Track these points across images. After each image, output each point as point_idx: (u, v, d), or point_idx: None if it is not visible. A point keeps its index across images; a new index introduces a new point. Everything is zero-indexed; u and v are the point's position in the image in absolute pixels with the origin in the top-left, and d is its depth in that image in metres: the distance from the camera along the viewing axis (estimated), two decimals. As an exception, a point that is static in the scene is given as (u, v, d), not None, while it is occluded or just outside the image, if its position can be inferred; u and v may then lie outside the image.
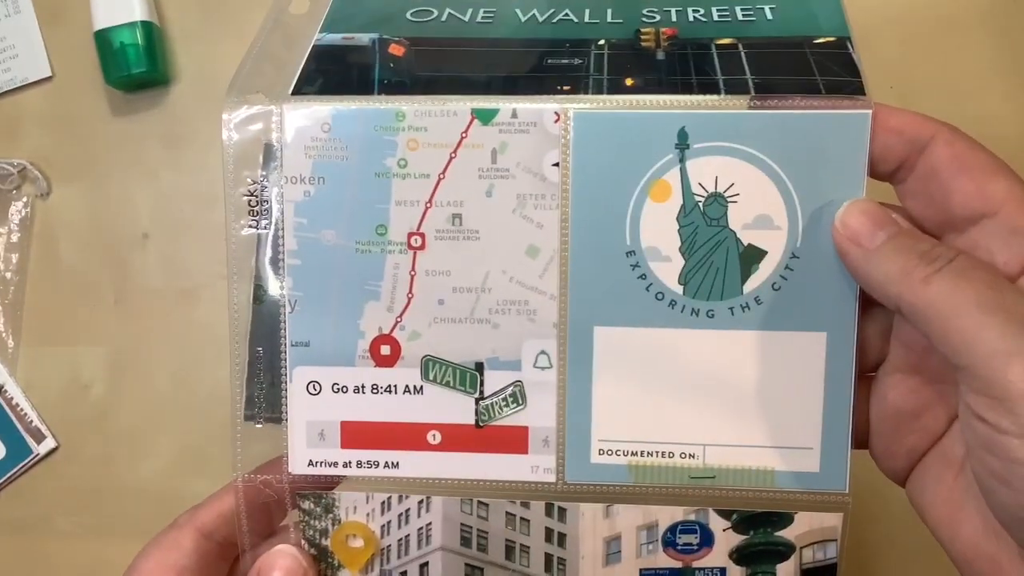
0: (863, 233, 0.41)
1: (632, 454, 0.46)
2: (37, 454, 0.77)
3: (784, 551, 0.47)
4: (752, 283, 0.44)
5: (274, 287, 0.46)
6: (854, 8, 0.51)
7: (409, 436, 0.47)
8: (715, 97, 0.43)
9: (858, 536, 0.69)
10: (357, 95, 0.45)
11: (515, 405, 0.46)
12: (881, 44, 0.71)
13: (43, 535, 0.77)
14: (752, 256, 0.44)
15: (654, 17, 0.47)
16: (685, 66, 0.44)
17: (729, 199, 0.44)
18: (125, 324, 0.78)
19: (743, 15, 0.47)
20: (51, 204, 0.79)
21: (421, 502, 0.48)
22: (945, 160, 0.41)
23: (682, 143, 0.43)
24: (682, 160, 0.43)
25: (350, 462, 0.47)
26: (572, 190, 0.44)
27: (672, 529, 0.47)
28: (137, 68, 0.74)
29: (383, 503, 0.48)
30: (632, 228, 0.44)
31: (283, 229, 0.45)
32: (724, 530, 0.47)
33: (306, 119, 0.45)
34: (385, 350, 0.46)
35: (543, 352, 0.46)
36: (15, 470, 0.77)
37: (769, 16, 0.47)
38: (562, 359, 0.45)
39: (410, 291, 0.46)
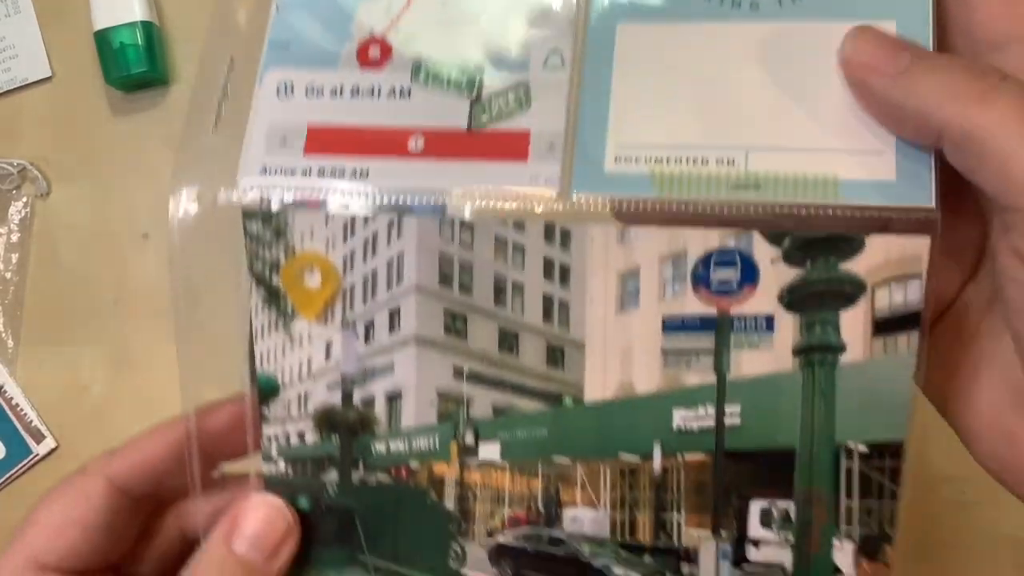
0: (881, 57, 0.33)
1: (657, 160, 0.36)
2: (37, 454, 0.77)
3: (850, 291, 0.35)
4: None
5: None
6: None
7: (385, 141, 0.37)
8: None
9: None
10: None
11: (517, 107, 0.37)
12: None
13: None
14: None
15: None
16: None
17: None
18: (125, 323, 0.77)
19: None
20: (51, 204, 0.79)
21: (391, 224, 0.38)
22: None
23: None
24: None
25: (310, 169, 0.38)
26: None
27: (705, 261, 0.36)
28: (137, 68, 0.74)
29: (345, 226, 0.38)
30: None
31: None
32: (772, 261, 0.36)
33: None
34: (374, 52, 0.38)
35: (555, 50, 0.37)
36: (15, 470, 0.77)
37: None
38: (578, 58, 0.37)
39: None
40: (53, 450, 0.77)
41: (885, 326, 0.35)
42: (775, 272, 0.35)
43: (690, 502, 0.38)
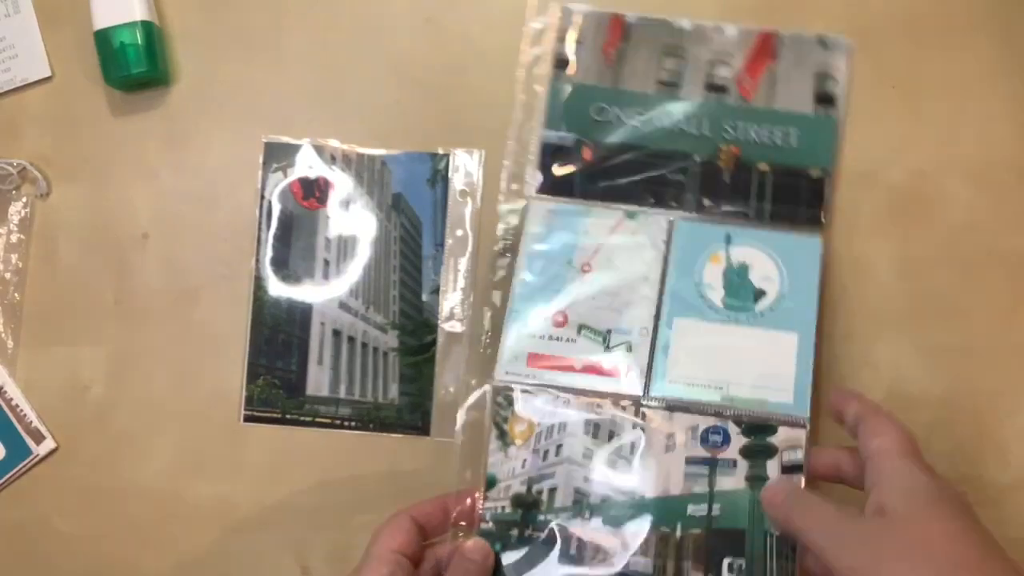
0: (779, 501, 0.72)
1: (687, 384, 0.81)
2: (37, 455, 0.76)
3: (771, 451, 0.78)
4: (759, 306, 0.83)
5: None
6: (860, 8, 0.76)
7: (566, 365, 0.82)
8: (747, 220, 0.85)
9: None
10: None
11: (626, 354, 0.82)
12: (885, 43, 0.77)
13: (42, 536, 0.77)
14: (759, 294, 0.83)
15: (729, 133, 0.82)
16: (736, 189, 0.85)
17: (749, 267, 0.84)
18: (125, 324, 0.77)
19: (780, 139, 0.81)
20: (51, 204, 0.77)
21: (565, 403, 0.82)
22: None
23: (728, 239, 0.85)
24: (728, 247, 0.84)
25: (529, 374, 0.82)
26: (671, 254, 0.85)
27: (706, 431, 0.80)
28: (137, 68, 0.74)
29: (542, 402, 0.82)
30: (699, 273, 0.84)
31: (522, 248, 0.85)
32: (737, 434, 0.79)
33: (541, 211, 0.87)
34: (559, 318, 0.84)
35: (645, 327, 0.83)
36: (15, 471, 0.76)
37: (794, 144, 0.81)
38: (656, 331, 0.83)
39: (578, 292, 0.84)
40: (53, 451, 0.76)
41: (787, 469, 0.77)
42: (738, 439, 0.79)
43: (693, 557, 0.77)
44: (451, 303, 0.81)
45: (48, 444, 0.76)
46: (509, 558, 0.77)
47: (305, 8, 0.81)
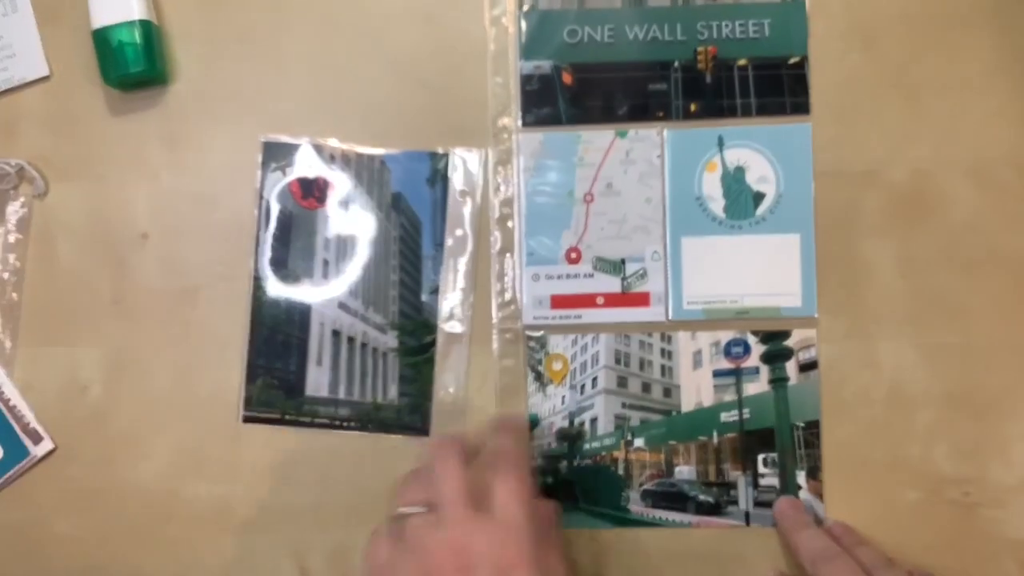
0: (789, 521, 0.81)
1: (705, 303, 0.85)
2: (35, 455, 0.76)
3: (787, 353, 0.85)
4: (759, 210, 0.86)
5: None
6: (859, 6, 0.76)
7: (586, 301, 0.87)
8: (735, 119, 0.87)
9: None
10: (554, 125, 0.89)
11: (642, 280, 0.86)
12: (886, 42, 0.78)
13: (41, 536, 0.77)
14: (758, 197, 0.86)
15: (703, 34, 0.83)
16: (719, 89, 0.86)
17: (746, 169, 0.86)
18: (124, 324, 0.78)
19: (753, 32, 0.82)
20: (49, 204, 0.78)
21: (594, 338, 0.87)
22: None
23: (720, 143, 0.87)
24: (721, 150, 0.87)
25: (555, 316, 0.87)
26: (667, 168, 0.87)
27: (728, 344, 0.85)
28: (135, 67, 0.74)
29: (573, 340, 0.87)
30: (698, 185, 0.87)
31: (521, 186, 0.88)
32: (756, 342, 0.85)
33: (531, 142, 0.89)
34: (573, 255, 0.87)
35: (655, 251, 0.86)
36: (13, 471, 0.76)
37: (768, 34, 0.82)
38: (666, 254, 0.86)
39: (586, 225, 0.87)
40: (51, 452, 0.77)
41: (804, 367, 0.84)
42: (757, 347, 0.85)
43: (731, 458, 0.85)
44: (451, 303, 0.82)
45: (46, 445, 0.76)
46: (563, 488, 0.86)
47: (305, 8, 0.81)
